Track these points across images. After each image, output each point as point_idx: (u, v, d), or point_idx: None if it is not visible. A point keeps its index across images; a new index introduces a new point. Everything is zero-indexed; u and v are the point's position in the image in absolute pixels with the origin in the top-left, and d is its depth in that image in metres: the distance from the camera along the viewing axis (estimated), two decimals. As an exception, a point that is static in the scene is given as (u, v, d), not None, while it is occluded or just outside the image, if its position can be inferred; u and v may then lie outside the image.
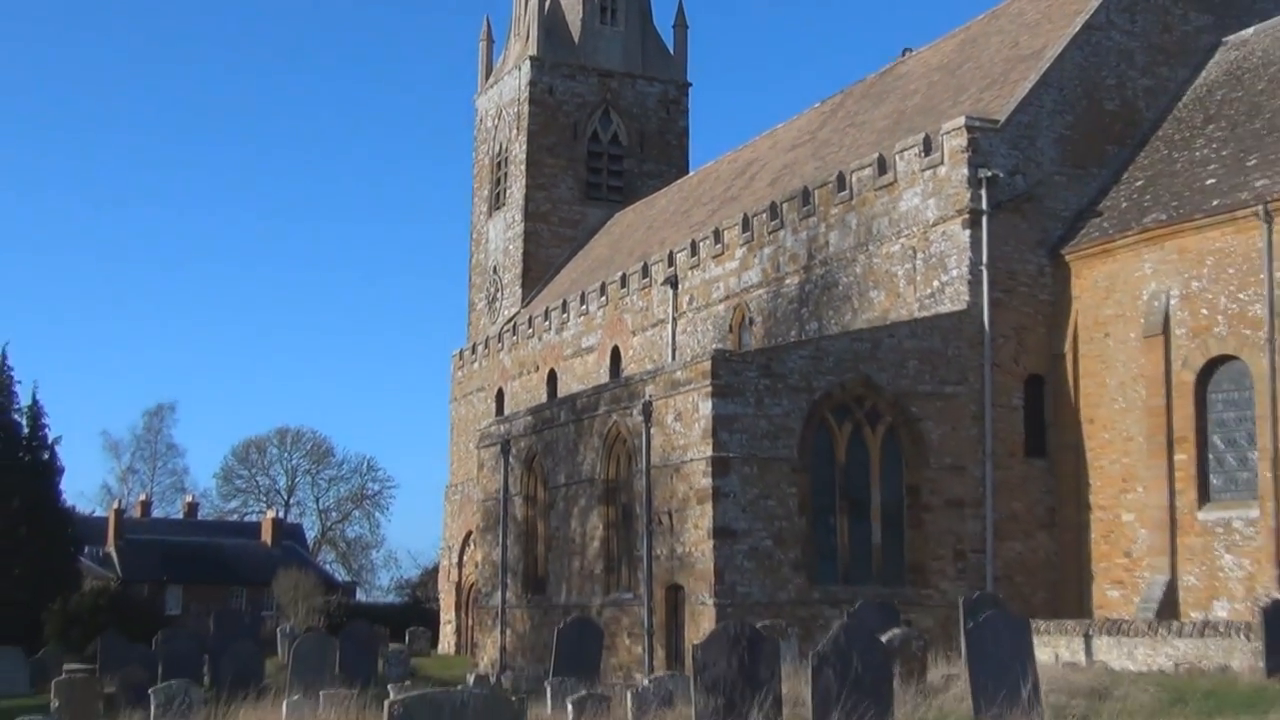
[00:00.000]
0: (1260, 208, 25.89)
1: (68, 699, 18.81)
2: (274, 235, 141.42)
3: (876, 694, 13.04)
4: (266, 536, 74.81)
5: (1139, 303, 27.90)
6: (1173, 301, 27.30)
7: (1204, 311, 26.84)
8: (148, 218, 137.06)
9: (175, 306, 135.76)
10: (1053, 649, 24.06)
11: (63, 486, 45.27)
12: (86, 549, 57.21)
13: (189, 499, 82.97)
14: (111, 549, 67.56)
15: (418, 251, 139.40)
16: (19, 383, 44.33)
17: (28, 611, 39.58)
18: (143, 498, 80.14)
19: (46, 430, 44.30)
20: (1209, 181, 27.73)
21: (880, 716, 12.86)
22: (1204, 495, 26.73)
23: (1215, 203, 26.95)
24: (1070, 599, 28.63)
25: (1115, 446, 28.35)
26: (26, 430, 43.77)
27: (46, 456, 44.11)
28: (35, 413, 44.01)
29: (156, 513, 79.13)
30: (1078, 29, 31.29)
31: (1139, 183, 29.63)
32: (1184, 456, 26.88)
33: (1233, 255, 26.46)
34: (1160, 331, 27.29)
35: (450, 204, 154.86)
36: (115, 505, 73.51)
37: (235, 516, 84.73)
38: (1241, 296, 26.25)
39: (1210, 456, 26.86)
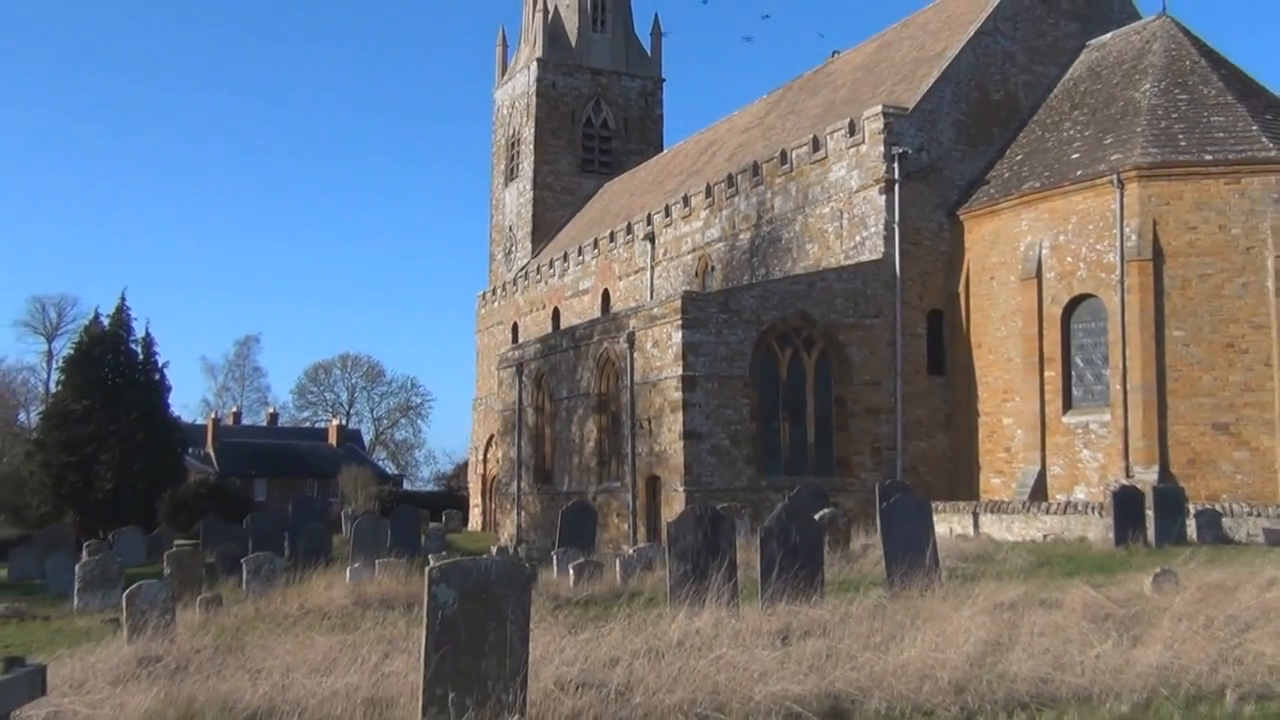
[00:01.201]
0: (1114, 176, 25.86)
1: (177, 567, 18.85)
2: (337, 203, 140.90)
3: (810, 559, 13.09)
4: (332, 439, 74.84)
5: (1018, 252, 27.89)
6: (1044, 251, 27.28)
7: (1069, 259, 26.86)
8: (245, 194, 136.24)
9: (259, 256, 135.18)
10: (948, 524, 24.25)
11: (170, 401, 45.14)
12: (190, 450, 57.11)
13: (270, 410, 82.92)
14: (210, 450, 67.52)
15: (451, 213, 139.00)
16: (135, 319, 44.24)
17: (145, 500, 39.62)
18: (234, 409, 79.95)
19: (157, 357, 44.09)
20: (1074, 156, 27.65)
21: (812, 577, 12.90)
22: (1067, 403, 26.87)
23: (1079, 173, 26.90)
24: (962, 485, 28.79)
25: (998, 366, 28.43)
26: (141, 357, 43.59)
27: (157, 378, 43.91)
28: (148, 343, 43.83)
29: (245, 421, 78.94)
30: (971, 35, 31.10)
31: (1019, 158, 29.54)
32: (1052, 373, 26.99)
33: (1092, 214, 26.45)
34: (1034, 275, 27.32)
35: (474, 176, 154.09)
36: (212, 416, 73.43)
37: (308, 424, 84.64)
38: (1099, 247, 26.26)
39: (1073, 373, 26.97)
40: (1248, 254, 24.86)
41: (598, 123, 55.03)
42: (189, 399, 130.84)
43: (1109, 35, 31.33)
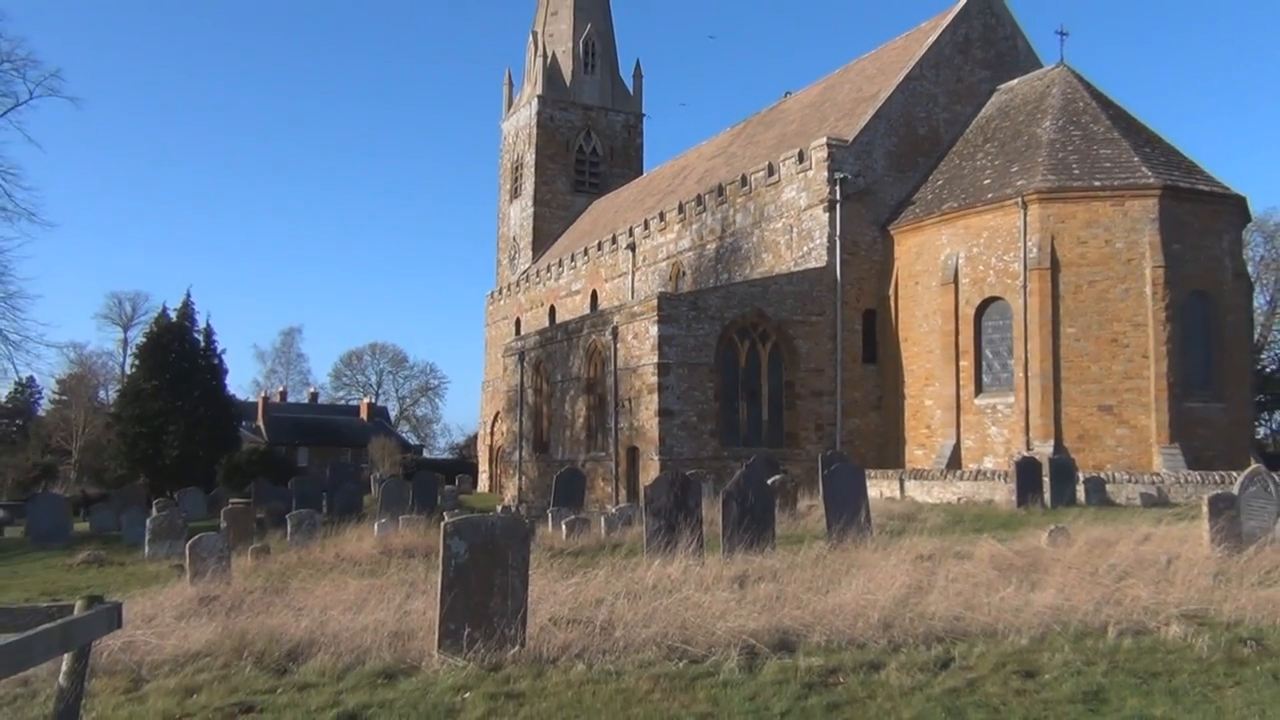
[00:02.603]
0: (1019, 199, 25.92)
1: (232, 522, 18.77)
2: (371, 217, 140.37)
3: (764, 517, 13.13)
4: (364, 415, 74.43)
5: (938, 262, 27.94)
6: (960, 261, 27.34)
7: (981, 268, 26.92)
8: (291, 209, 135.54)
9: (303, 259, 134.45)
10: (879, 488, 24.32)
11: (227, 382, 44.96)
12: (244, 423, 56.84)
13: (311, 390, 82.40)
14: (260, 423, 67.11)
15: (466, 225, 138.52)
16: (198, 312, 44.07)
17: (205, 465, 39.48)
18: (281, 389, 79.46)
19: (216, 344, 43.89)
20: (985, 181, 27.69)
21: (765, 532, 12.94)
22: (979, 388, 26.95)
23: (989, 196, 26.94)
24: (891, 456, 28.87)
25: (921, 356, 28.49)
26: (203, 344, 43.41)
27: (216, 362, 43.74)
28: (209, 333, 43.67)
29: (290, 399, 78.49)
30: (901, 79, 31.07)
31: (939, 182, 29.55)
32: (966, 363, 27.05)
33: (1000, 230, 26.50)
34: (952, 281, 27.37)
35: (485, 194, 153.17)
36: (262, 394, 72.94)
37: (343, 401, 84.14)
38: (1005, 258, 26.33)
39: (983, 363, 27.03)
40: (1129, 264, 24.98)
41: (588, 150, 54.85)
42: (243, 380, 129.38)
43: (1016, 80, 31.37)
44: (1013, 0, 34.36)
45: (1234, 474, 17.03)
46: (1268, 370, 39.92)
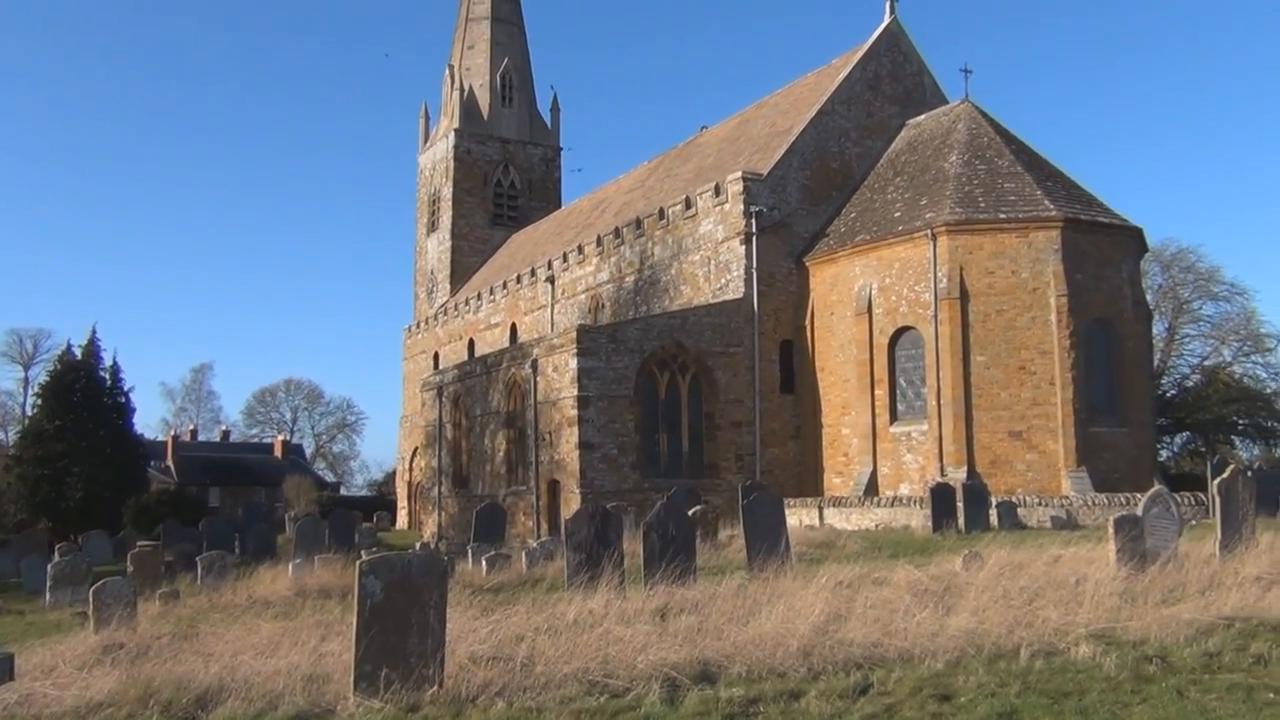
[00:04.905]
0: (928, 231, 26.53)
1: (139, 565, 18.14)
2: (283, 250, 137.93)
3: (685, 548, 13.10)
4: (278, 453, 72.66)
5: (852, 292, 28.39)
6: (874, 291, 27.83)
7: (893, 298, 27.43)
8: (198, 238, 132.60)
9: (213, 295, 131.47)
10: (798, 517, 24.49)
11: (134, 421, 43.55)
12: (152, 463, 54.94)
13: (223, 428, 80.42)
14: (170, 463, 65.08)
15: (381, 260, 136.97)
16: (104, 349, 42.80)
17: (111, 507, 38.15)
18: (191, 428, 77.49)
19: (123, 382, 42.50)
20: (896, 214, 28.27)
21: (687, 562, 12.90)
22: (893, 416, 27.38)
23: (900, 228, 27.50)
24: (810, 484, 29.12)
25: (838, 386, 28.86)
26: (109, 382, 42.09)
27: (122, 400, 42.37)
28: (115, 370, 42.32)
29: (201, 438, 76.47)
30: (814, 114, 31.65)
31: (852, 215, 30.08)
32: (881, 392, 27.47)
33: (911, 262, 27.06)
34: (866, 311, 27.83)
35: (400, 227, 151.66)
36: (172, 433, 70.93)
37: (256, 439, 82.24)
38: (916, 288, 26.87)
39: (897, 391, 27.47)
40: (1034, 294, 25.69)
41: (506, 183, 54.79)
42: (151, 419, 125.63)
43: (923, 116, 32.16)
44: (919, 39, 35.54)
45: (1138, 496, 17.53)
46: (1168, 395, 41.29)
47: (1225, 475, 13.51)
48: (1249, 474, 14.20)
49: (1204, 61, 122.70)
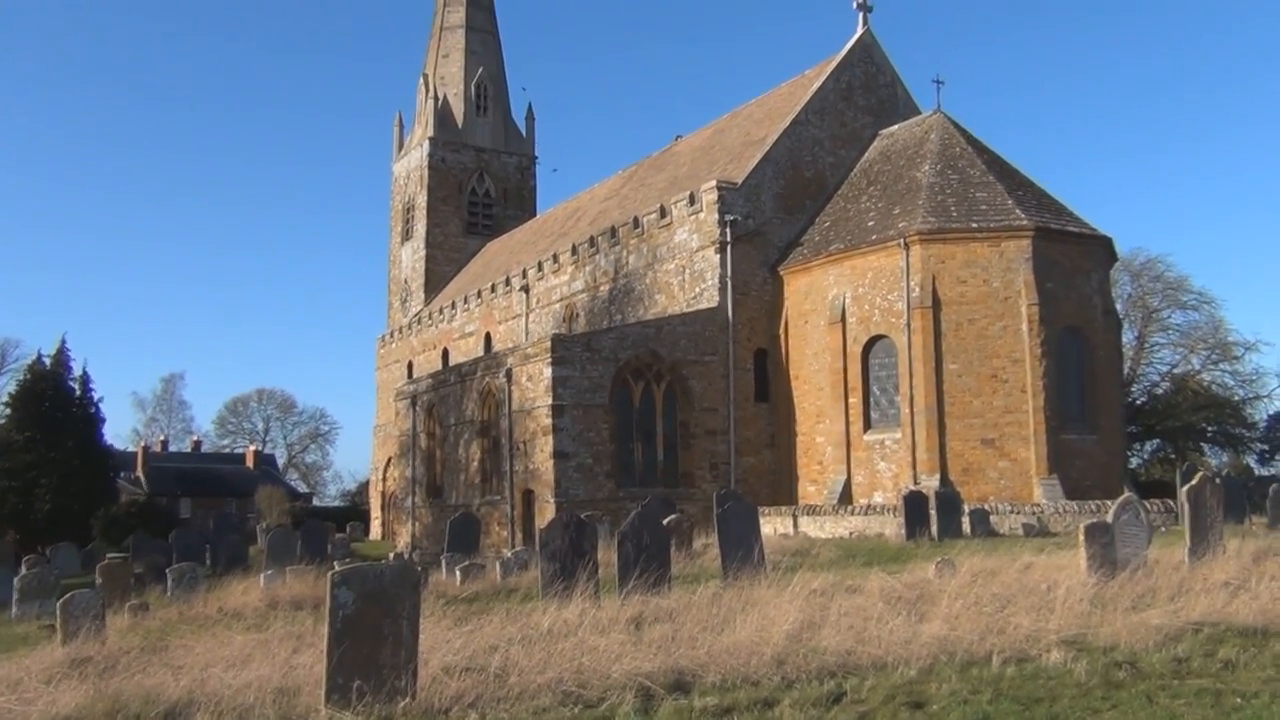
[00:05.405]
0: (901, 240, 26.67)
1: (108, 578, 17.91)
2: (255, 259, 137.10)
3: (660, 557, 13.09)
4: (250, 463, 72.27)
5: (826, 301, 28.51)
6: (847, 300, 27.95)
7: (866, 307, 27.54)
8: (170, 246, 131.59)
9: (185, 304, 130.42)
10: (773, 525, 24.54)
11: (104, 432, 43.17)
12: (122, 474, 54.48)
13: (195, 438, 79.76)
14: (140, 473, 64.49)
15: (354, 268, 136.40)
16: (74, 359, 42.40)
17: (80, 519, 37.79)
18: (162, 438, 76.77)
19: (93, 392, 42.13)
20: (870, 224, 28.41)
21: (662, 571, 12.90)
22: (867, 424, 27.46)
23: (873, 237, 27.64)
24: (784, 493, 29.18)
25: (812, 394, 28.94)
26: (78, 393, 41.67)
27: (92, 411, 41.97)
28: (84, 380, 41.93)
29: (172, 448, 75.81)
30: (787, 124, 31.79)
31: (826, 224, 30.21)
32: (855, 400, 27.56)
33: (884, 271, 27.19)
34: (839, 320, 27.94)
35: (375, 236, 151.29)
36: (142, 444, 70.32)
37: (228, 450, 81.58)
38: (890, 297, 27.01)
39: (871, 400, 27.57)
40: (1006, 302, 25.88)
41: (481, 192, 54.69)
42: (121, 429, 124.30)
43: (896, 126, 32.38)
44: (891, 50, 35.77)
45: (1109, 503, 17.67)
46: (1138, 403, 41.70)
47: (1194, 482, 13.65)
48: (1217, 481, 14.34)
49: (1171, 73, 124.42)
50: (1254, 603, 9.81)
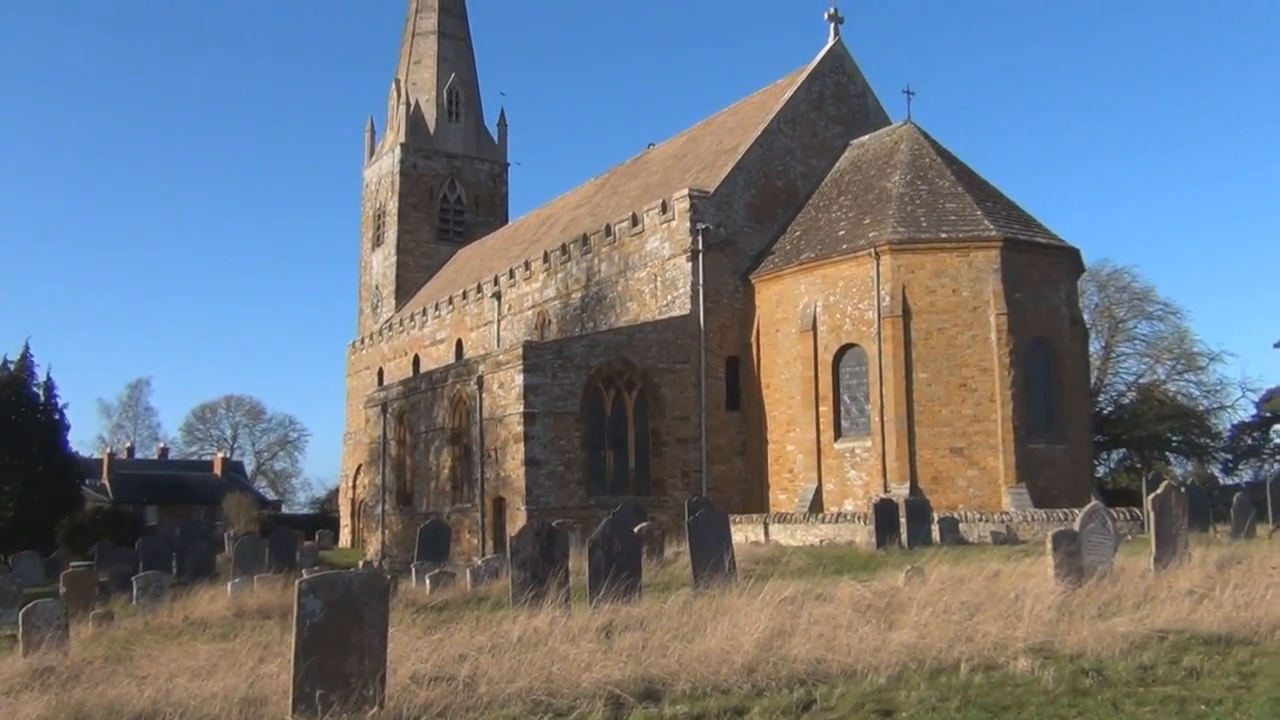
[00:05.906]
0: (872, 250, 26.85)
1: (72, 586, 17.67)
2: (223, 264, 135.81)
3: (631, 566, 13.08)
4: (218, 470, 71.37)
5: (797, 310, 28.62)
6: (818, 309, 28.08)
7: (837, 315, 27.68)
8: (137, 250, 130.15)
9: (151, 309, 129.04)
10: (744, 533, 24.55)
11: (69, 438, 42.63)
12: (87, 481, 53.80)
13: (161, 445, 78.84)
14: (106, 481, 63.60)
15: (325, 274, 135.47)
16: (37, 365, 41.86)
17: (44, 526, 37.22)
18: (128, 445, 75.86)
19: (57, 398, 41.60)
20: (840, 233, 28.58)
21: (632, 579, 12.89)
22: (838, 433, 27.59)
23: (844, 247, 27.80)
24: (755, 500, 29.22)
25: (783, 403, 29.03)
26: (42, 399, 41.15)
27: (57, 417, 41.46)
28: (48, 386, 41.42)
29: (138, 455, 74.89)
30: (759, 133, 31.94)
31: (797, 233, 30.36)
32: (825, 408, 27.68)
33: (855, 280, 27.35)
34: (811, 328, 28.06)
35: (346, 242, 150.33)
36: (108, 450, 69.39)
37: (195, 457, 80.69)
38: (860, 306, 27.17)
39: (842, 408, 27.69)
40: (975, 312, 26.10)
41: (453, 199, 54.52)
42: (87, 436, 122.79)
43: (867, 136, 32.59)
44: (862, 61, 36.05)
45: (1076, 511, 17.82)
46: (1105, 412, 42.11)
47: (1159, 491, 13.81)
48: (1182, 490, 14.54)
49: (1138, 86, 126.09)
50: (1218, 610, 9.92)
